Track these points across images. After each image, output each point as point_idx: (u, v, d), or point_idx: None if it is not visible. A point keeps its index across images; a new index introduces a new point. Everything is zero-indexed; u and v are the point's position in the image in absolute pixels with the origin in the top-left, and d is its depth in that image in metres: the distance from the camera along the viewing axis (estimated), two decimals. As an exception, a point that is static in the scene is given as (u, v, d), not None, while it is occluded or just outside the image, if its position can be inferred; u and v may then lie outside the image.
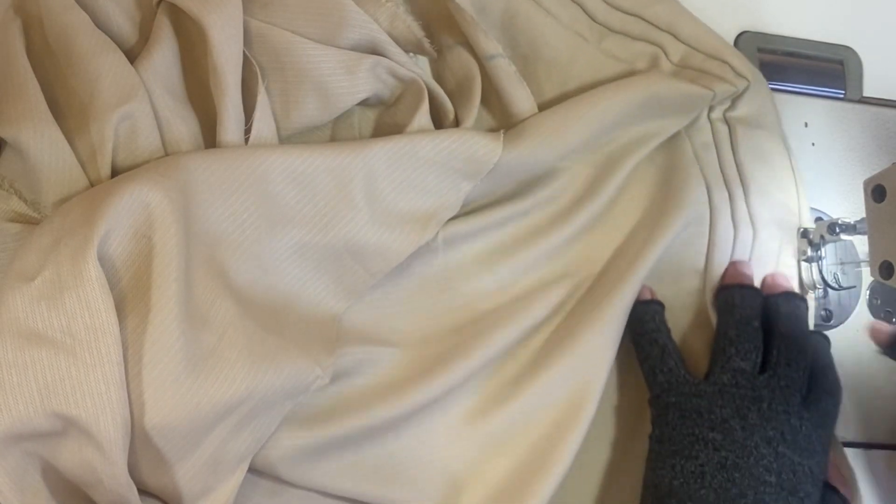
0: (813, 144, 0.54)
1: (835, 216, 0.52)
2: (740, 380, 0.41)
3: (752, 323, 0.44)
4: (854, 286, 0.52)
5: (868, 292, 0.53)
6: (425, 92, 0.44)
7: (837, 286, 0.50)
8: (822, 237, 0.48)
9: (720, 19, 0.49)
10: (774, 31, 0.55)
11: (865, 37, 0.56)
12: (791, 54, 0.55)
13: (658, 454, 0.42)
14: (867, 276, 0.52)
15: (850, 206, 0.53)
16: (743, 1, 0.54)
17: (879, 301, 0.53)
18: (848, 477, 0.44)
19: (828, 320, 0.51)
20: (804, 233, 0.50)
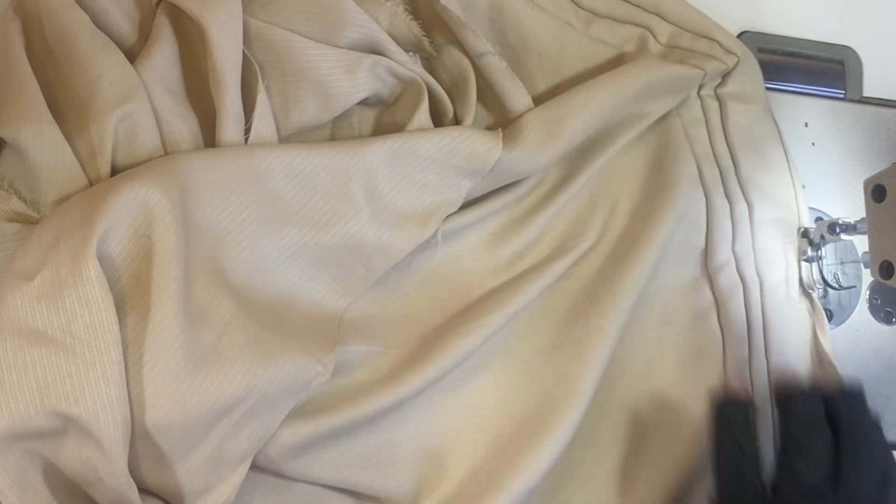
0: (813, 144, 0.53)
1: (835, 216, 0.52)
2: (811, 501, 0.39)
3: (819, 422, 0.41)
4: (854, 286, 0.52)
5: (868, 292, 0.53)
6: (425, 91, 0.44)
7: (837, 286, 0.50)
8: (822, 237, 0.48)
9: (720, 19, 0.49)
10: (774, 31, 0.55)
11: (865, 37, 0.56)
12: (791, 54, 0.55)
13: None
14: (867, 276, 0.52)
15: (850, 206, 0.53)
16: (743, 1, 0.54)
17: (879, 301, 0.53)
18: None
19: (828, 320, 0.51)
20: (804, 233, 0.50)
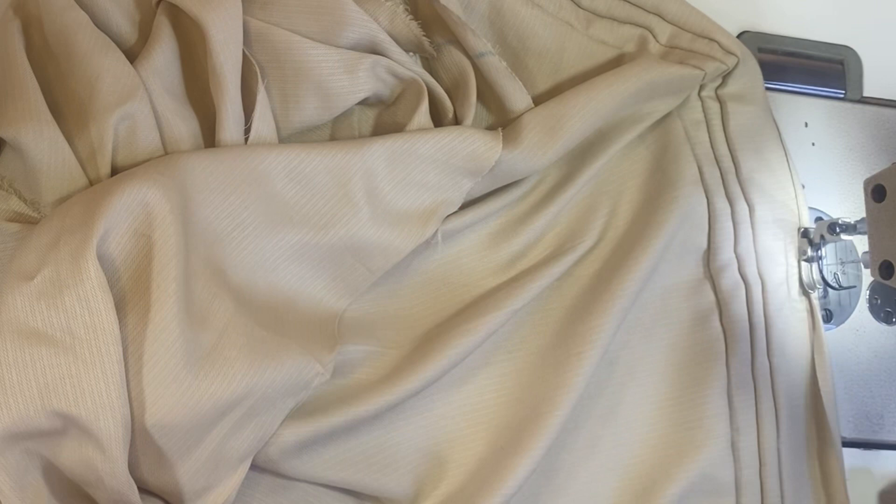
0: (813, 144, 0.53)
1: (835, 216, 0.52)
2: None
3: None
4: (854, 286, 0.52)
5: (868, 292, 0.53)
6: (425, 91, 0.44)
7: (837, 286, 0.50)
8: (822, 237, 0.48)
9: (720, 19, 0.49)
10: (774, 31, 0.54)
11: (865, 37, 0.56)
12: (791, 54, 0.55)
13: None
14: (867, 276, 0.52)
15: (850, 206, 0.53)
16: (743, 1, 0.54)
17: (879, 301, 0.53)
18: None
19: (828, 320, 0.51)
20: (804, 233, 0.50)
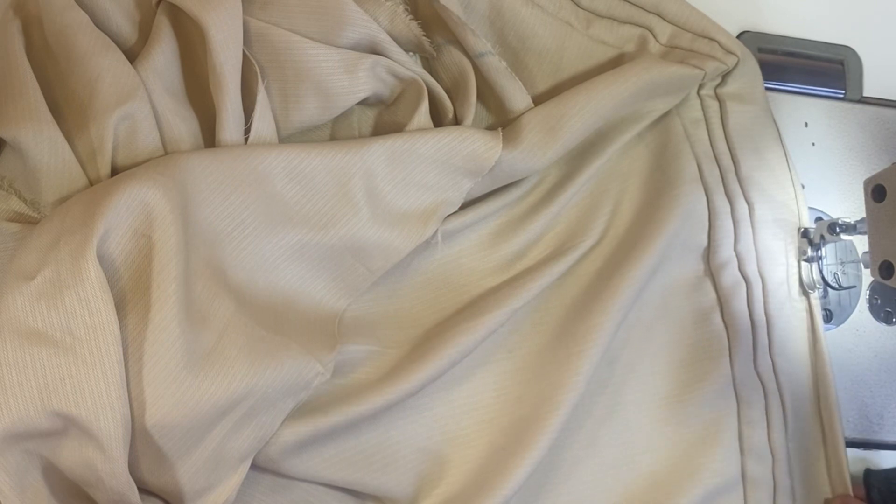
0: (813, 144, 0.53)
1: (835, 216, 0.52)
2: None
3: None
4: (854, 286, 0.52)
5: (868, 292, 0.53)
6: (425, 91, 0.44)
7: (837, 286, 0.50)
8: (822, 237, 0.48)
9: (720, 19, 0.49)
10: (774, 31, 0.54)
11: (865, 37, 0.56)
12: (791, 54, 0.55)
13: None
14: (867, 276, 0.52)
15: (850, 206, 0.53)
16: (743, 1, 0.54)
17: (879, 301, 0.53)
18: None
19: (828, 320, 0.51)
20: (804, 233, 0.50)
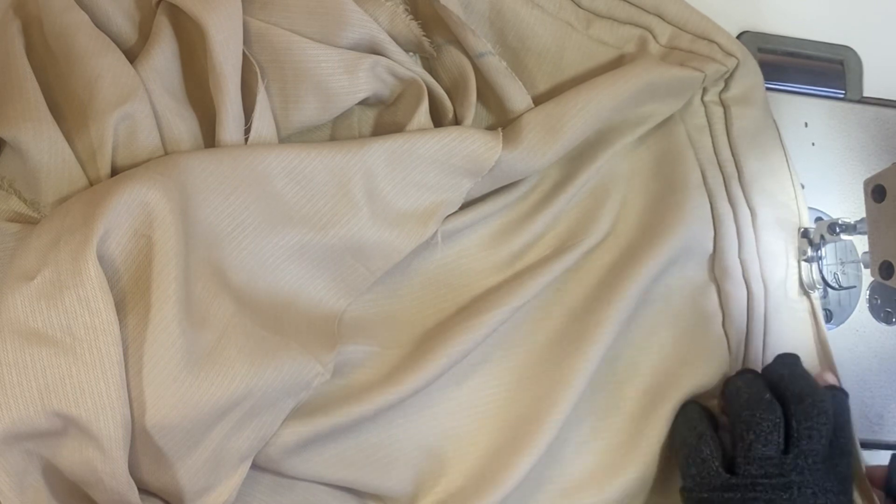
0: (813, 144, 0.53)
1: (835, 216, 0.52)
2: (769, 469, 0.40)
3: (763, 396, 0.42)
4: (854, 286, 0.52)
5: (868, 292, 0.53)
6: (425, 91, 0.43)
7: (837, 286, 0.50)
8: (822, 237, 0.48)
9: (720, 19, 0.49)
10: (774, 31, 0.54)
11: (865, 37, 0.56)
12: (791, 54, 0.55)
13: None
14: (867, 276, 0.52)
15: (850, 206, 0.53)
16: (743, 1, 0.54)
17: (879, 301, 0.53)
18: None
19: (828, 320, 0.51)
20: (804, 233, 0.50)
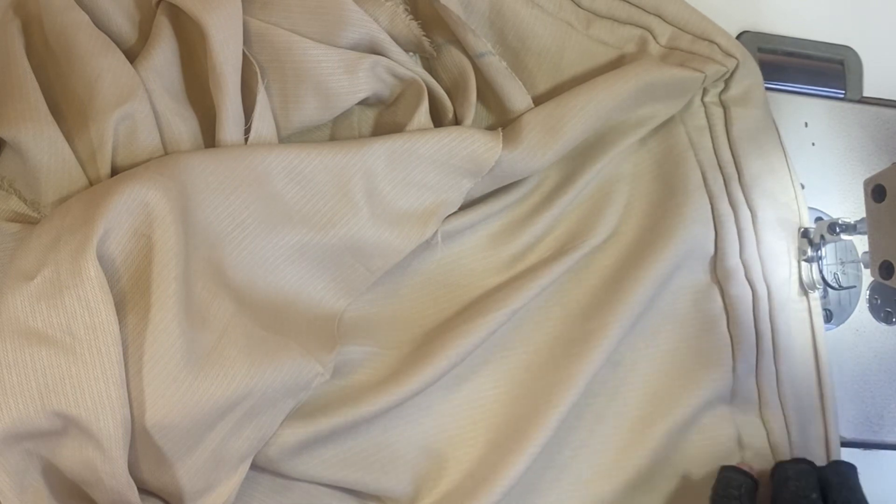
0: (813, 144, 0.53)
1: (835, 216, 0.52)
2: None
3: (810, 496, 0.42)
4: (854, 286, 0.52)
5: (868, 292, 0.53)
6: (425, 91, 0.44)
7: (837, 286, 0.50)
8: (822, 237, 0.48)
9: (720, 19, 0.49)
10: (774, 31, 0.54)
11: (865, 37, 0.56)
12: (791, 54, 0.55)
13: None
14: (867, 276, 0.52)
15: (850, 206, 0.53)
16: (743, 1, 0.54)
17: (879, 301, 0.53)
18: None
19: (828, 320, 0.51)
20: (804, 233, 0.50)
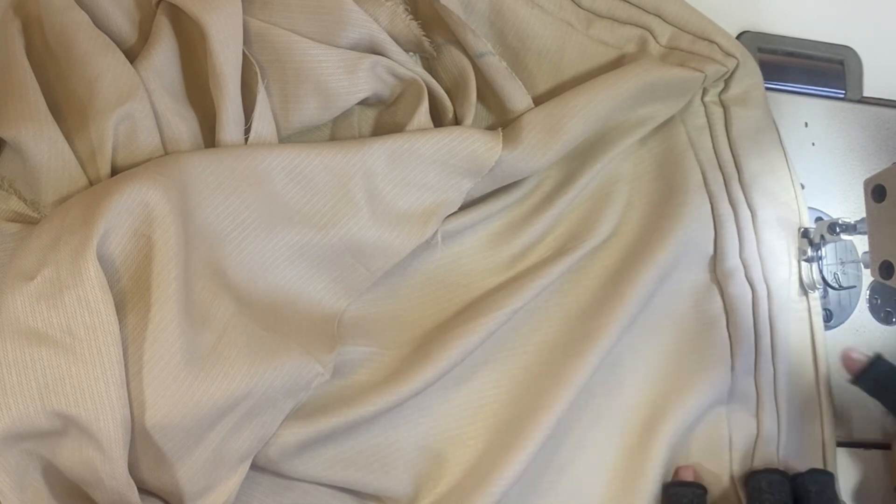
0: (813, 144, 0.53)
1: (835, 216, 0.52)
2: None
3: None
4: (854, 286, 0.52)
5: (868, 292, 0.53)
6: (425, 91, 0.43)
7: (837, 286, 0.50)
8: (822, 237, 0.48)
9: (720, 19, 0.49)
10: (774, 31, 0.54)
11: (865, 37, 0.56)
12: (791, 54, 0.55)
13: None
14: (867, 276, 0.52)
15: (850, 206, 0.54)
16: (743, 1, 0.54)
17: (879, 301, 0.53)
18: None
19: (828, 320, 0.51)
20: (804, 233, 0.50)
